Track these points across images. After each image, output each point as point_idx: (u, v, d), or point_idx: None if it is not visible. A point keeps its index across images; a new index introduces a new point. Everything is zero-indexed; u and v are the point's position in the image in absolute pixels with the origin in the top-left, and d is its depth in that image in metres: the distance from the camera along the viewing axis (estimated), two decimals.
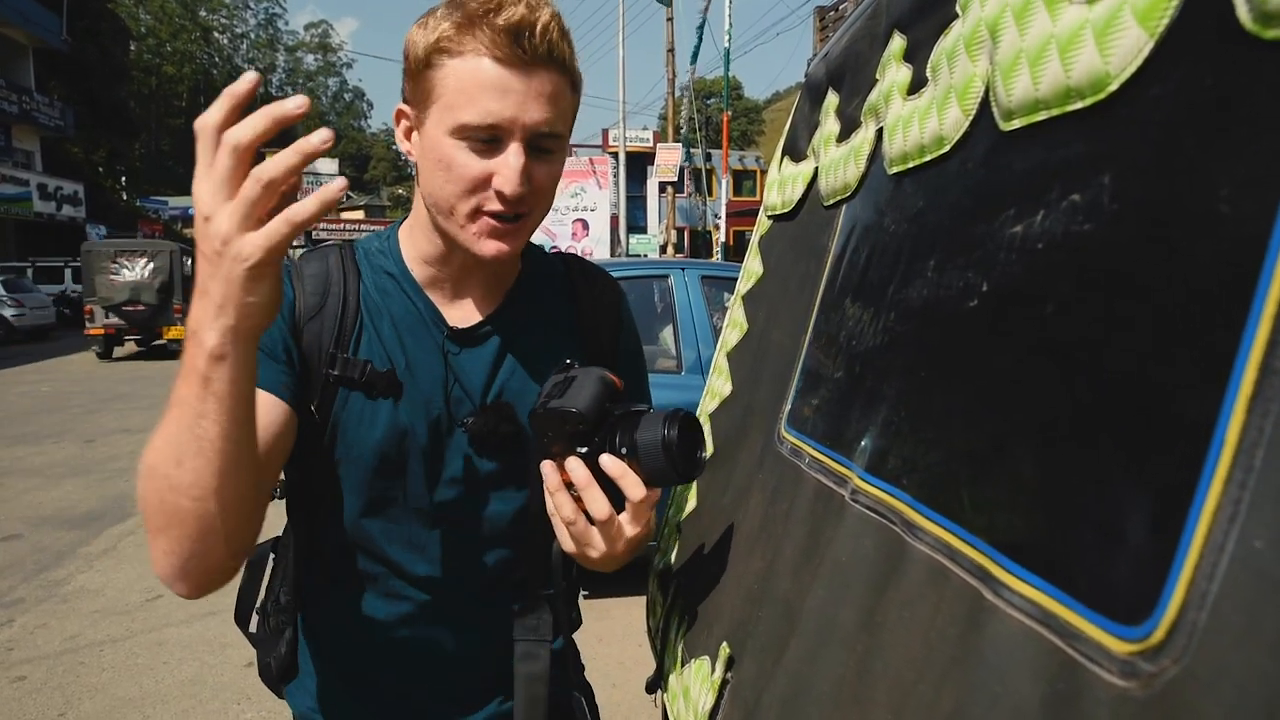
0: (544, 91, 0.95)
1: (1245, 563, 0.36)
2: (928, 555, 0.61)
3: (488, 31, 0.92)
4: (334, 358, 1.04)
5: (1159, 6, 0.48)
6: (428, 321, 1.10)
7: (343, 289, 1.07)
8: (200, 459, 0.78)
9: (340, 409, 1.05)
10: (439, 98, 0.95)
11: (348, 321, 1.06)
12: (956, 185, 0.72)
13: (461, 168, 0.95)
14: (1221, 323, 0.40)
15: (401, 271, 1.11)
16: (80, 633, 4.36)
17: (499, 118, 0.93)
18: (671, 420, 0.90)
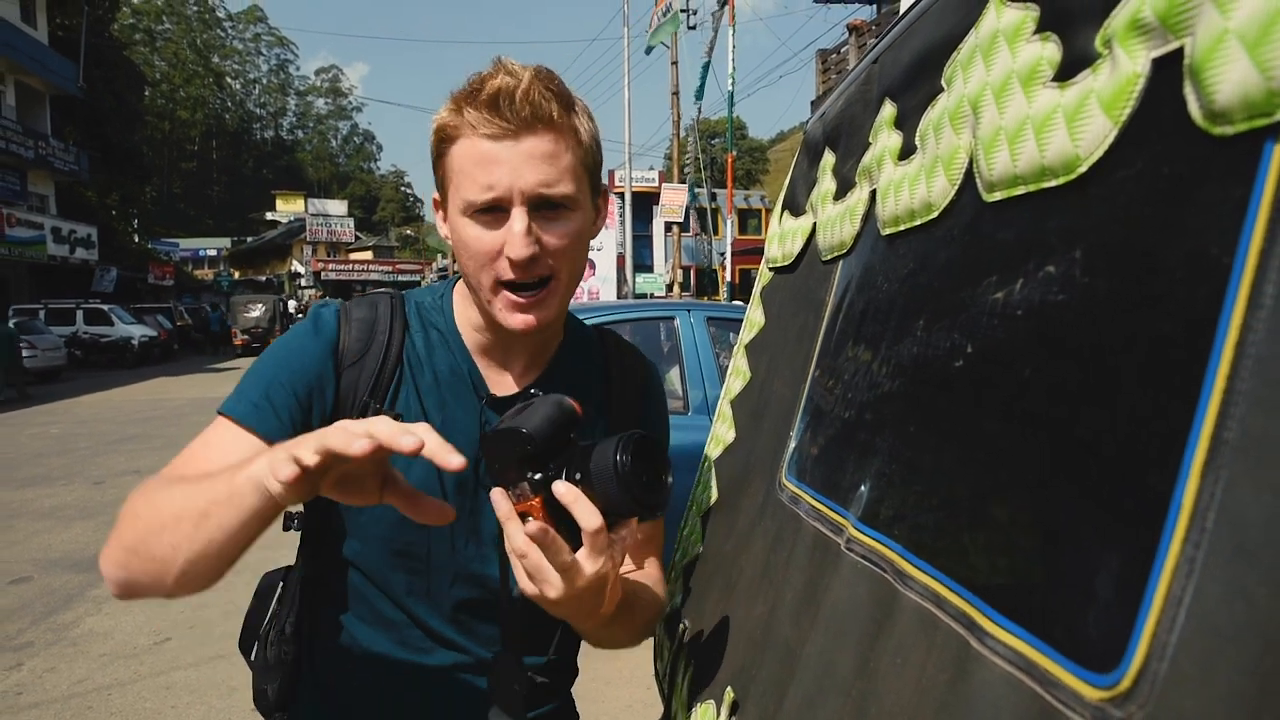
0: (535, 154, 0.97)
1: (1199, 616, 0.40)
2: (918, 604, 0.64)
3: (473, 110, 0.97)
4: (366, 406, 1.05)
5: (1121, 98, 0.53)
6: (470, 384, 1.11)
7: (387, 338, 1.08)
8: (193, 531, 0.84)
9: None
10: (450, 182, 1.02)
11: (387, 371, 1.07)
12: (944, 250, 0.76)
13: (475, 242, 1.00)
14: (1178, 396, 0.44)
15: (451, 330, 1.13)
16: (89, 676, 4.36)
17: (493, 189, 0.97)
18: (625, 444, 0.84)
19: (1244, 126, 0.42)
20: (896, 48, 0.97)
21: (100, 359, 23.88)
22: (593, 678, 4.33)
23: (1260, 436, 0.38)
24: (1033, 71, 0.62)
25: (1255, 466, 0.38)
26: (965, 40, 0.75)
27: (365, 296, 1.14)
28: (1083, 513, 0.50)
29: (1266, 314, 0.40)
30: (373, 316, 1.10)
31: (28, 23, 25.92)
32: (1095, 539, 0.48)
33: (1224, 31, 0.43)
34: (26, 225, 24.17)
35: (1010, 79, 0.65)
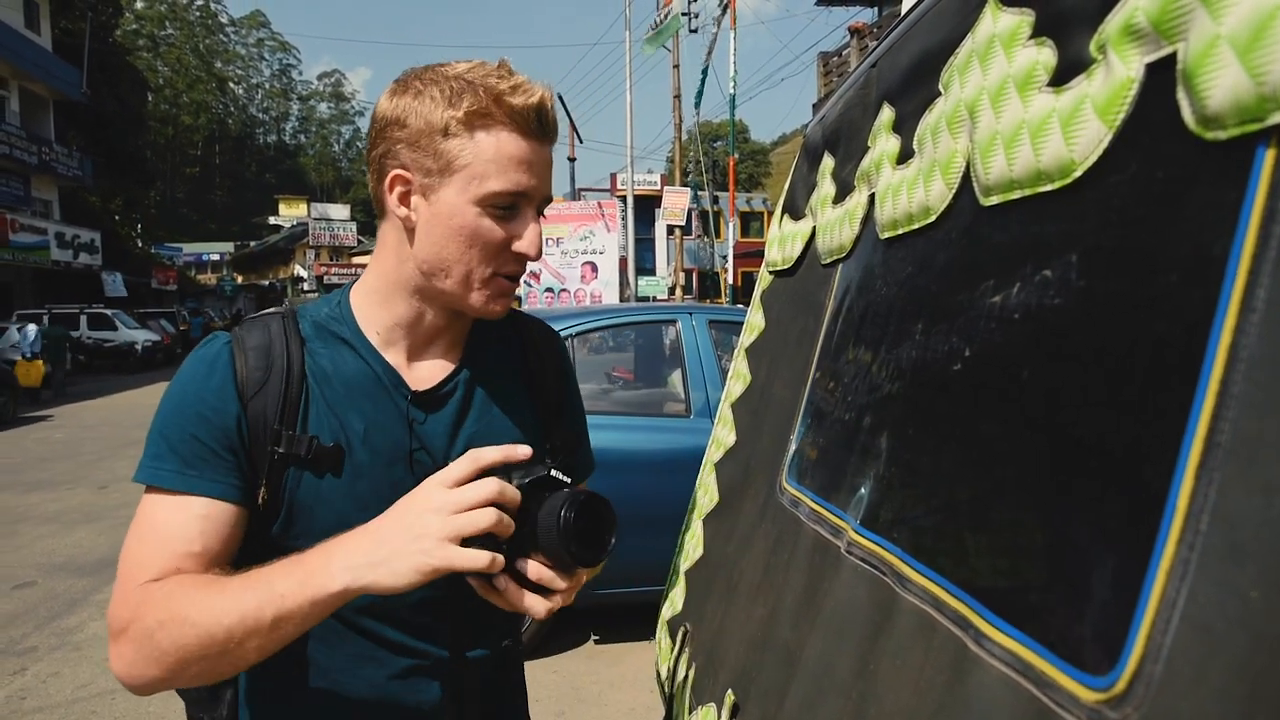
0: (548, 163, 1.05)
1: (1193, 618, 0.40)
2: (917, 606, 0.64)
3: (516, 109, 0.99)
4: (279, 434, 1.01)
5: (1115, 102, 0.53)
6: (388, 386, 1.08)
7: (285, 359, 1.05)
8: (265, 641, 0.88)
9: (294, 489, 1.03)
10: (463, 166, 0.99)
11: (292, 394, 1.04)
12: (942, 254, 0.76)
13: (487, 232, 1.00)
14: (1172, 399, 0.44)
15: (357, 336, 1.09)
16: (92, 681, 4.37)
17: (526, 187, 1.01)
18: (571, 503, 0.89)
19: (1236, 131, 0.43)
20: (895, 52, 0.97)
21: (104, 364, 23.89)
22: (595, 681, 4.33)
23: (1253, 439, 0.39)
24: (1028, 76, 0.63)
25: (1248, 468, 0.39)
26: (962, 45, 0.75)
27: (255, 319, 1.10)
28: (1079, 516, 0.50)
29: (1259, 317, 0.40)
30: (266, 340, 1.06)
31: (31, 28, 26.00)
32: (1091, 542, 0.48)
33: (1216, 37, 0.43)
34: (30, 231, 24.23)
35: (1006, 84, 0.65)
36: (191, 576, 0.94)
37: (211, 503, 0.98)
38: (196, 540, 0.97)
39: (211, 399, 1.01)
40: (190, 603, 0.89)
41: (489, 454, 0.91)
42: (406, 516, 0.88)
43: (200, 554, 0.97)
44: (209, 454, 0.99)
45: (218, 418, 1.00)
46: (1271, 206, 0.40)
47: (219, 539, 0.99)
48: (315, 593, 0.86)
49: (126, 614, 0.92)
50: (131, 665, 0.91)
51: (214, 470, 0.99)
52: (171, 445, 0.99)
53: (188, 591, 0.91)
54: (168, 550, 0.96)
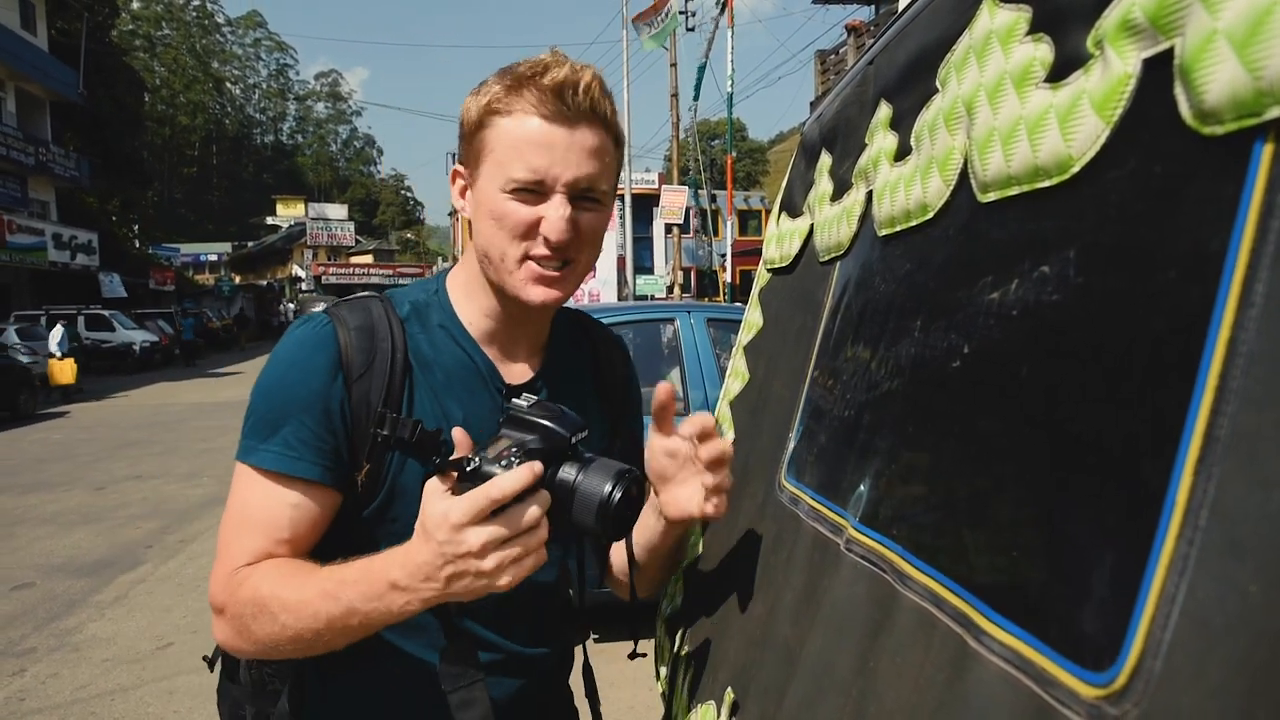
0: (586, 146, 1.01)
1: (1192, 614, 0.40)
2: (916, 603, 0.64)
3: (535, 91, 0.98)
4: (383, 417, 1.01)
5: (1113, 98, 0.53)
6: (485, 377, 1.10)
7: (390, 343, 1.05)
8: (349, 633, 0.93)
9: (397, 472, 1.04)
10: (490, 155, 1.01)
11: (397, 378, 1.04)
12: (940, 250, 0.76)
13: (512, 214, 1.00)
14: (1171, 394, 0.44)
15: (455, 324, 1.11)
16: (91, 682, 4.37)
17: (544, 171, 0.99)
18: (620, 479, 0.90)
19: (1233, 126, 0.43)
20: (892, 49, 0.97)
21: (102, 365, 23.88)
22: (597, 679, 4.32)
23: (1252, 433, 0.39)
24: (1025, 72, 0.63)
25: (1248, 463, 0.39)
26: (959, 41, 0.75)
27: (353, 301, 1.10)
28: (1078, 512, 0.50)
29: (1258, 312, 0.40)
30: (369, 322, 1.06)
31: (27, 29, 25.96)
32: (1090, 538, 0.48)
33: (1213, 32, 0.43)
34: (27, 232, 24.20)
35: (1003, 80, 0.65)
36: (280, 569, 0.98)
37: (307, 488, 1.01)
38: (287, 528, 1.01)
39: (315, 380, 1.01)
40: (280, 604, 0.94)
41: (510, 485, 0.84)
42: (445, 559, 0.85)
43: (290, 540, 1.01)
44: (311, 436, 1.00)
45: (320, 399, 1.01)
46: (1269, 201, 0.40)
47: (310, 526, 1.02)
48: (401, 611, 0.90)
49: (223, 597, 0.99)
50: (230, 640, 1.00)
51: (313, 453, 1.01)
52: (273, 427, 1.00)
53: (277, 590, 0.95)
54: (261, 536, 1.00)
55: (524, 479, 0.84)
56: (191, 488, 8.83)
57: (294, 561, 1.00)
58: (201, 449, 11.19)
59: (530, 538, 0.85)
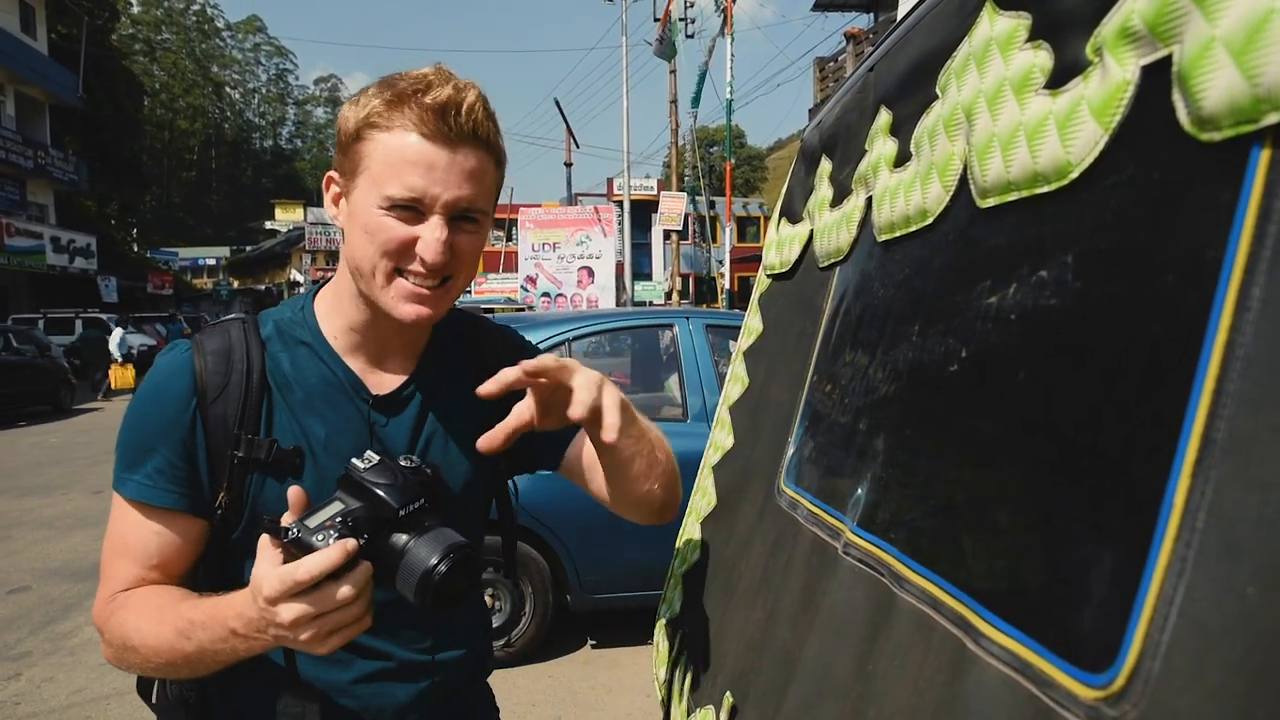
0: (466, 168, 0.99)
1: (1190, 615, 0.40)
2: (914, 606, 0.64)
3: (415, 109, 0.96)
4: (238, 438, 1.02)
5: (1112, 104, 0.53)
6: (348, 390, 1.09)
7: (245, 364, 1.05)
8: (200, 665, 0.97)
9: (256, 491, 1.04)
10: (367, 169, 0.99)
11: (253, 399, 1.04)
12: (939, 255, 0.76)
13: (387, 232, 0.98)
14: (1169, 397, 0.44)
15: (318, 340, 1.09)
16: (87, 686, 4.35)
17: (422, 192, 0.97)
18: (450, 553, 0.89)
19: (1231, 132, 0.43)
20: (892, 56, 0.98)
21: None
22: (592, 685, 4.32)
23: (1249, 436, 0.39)
24: (1025, 79, 0.63)
25: (1245, 465, 0.39)
26: (959, 48, 0.75)
27: (216, 325, 1.10)
28: (1076, 514, 0.50)
29: (1254, 316, 0.40)
30: (226, 345, 1.06)
31: (27, 33, 25.98)
32: (1088, 540, 0.49)
33: (1211, 39, 0.44)
34: (26, 235, 24.19)
35: (1003, 86, 0.66)
36: (145, 603, 1.02)
37: (169, 516, 1.03)
38: (155, 555, 1.04)
39: (170, 408, 1.03)
40: (142, 638, 0.99)
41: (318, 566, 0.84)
42: (269, 625, 0.88)
43: (159, 566, 1.04)
44: (168, 466, 1.02)
45: (176, 427, 1.02)
46: (1266, 206, 0.41)
47: (177, 553, 1.05)
48: (250, 653, 0.94)
49: (101, 620, 1.04)
50: (113, 661, 1.04)
51: (171, 482, 1.02)
52: (134, 456, 1.03)
53: (140, 623, 0.99)
54: (133, 563, 1.04)
55: (333, 560, 0.84)
56: None
57: (161, 592, 1.03)
58: None
59: (344, 613, 0.86)
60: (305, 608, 0.84)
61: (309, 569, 0.84)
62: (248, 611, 0.89)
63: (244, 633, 0.90)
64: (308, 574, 0.84)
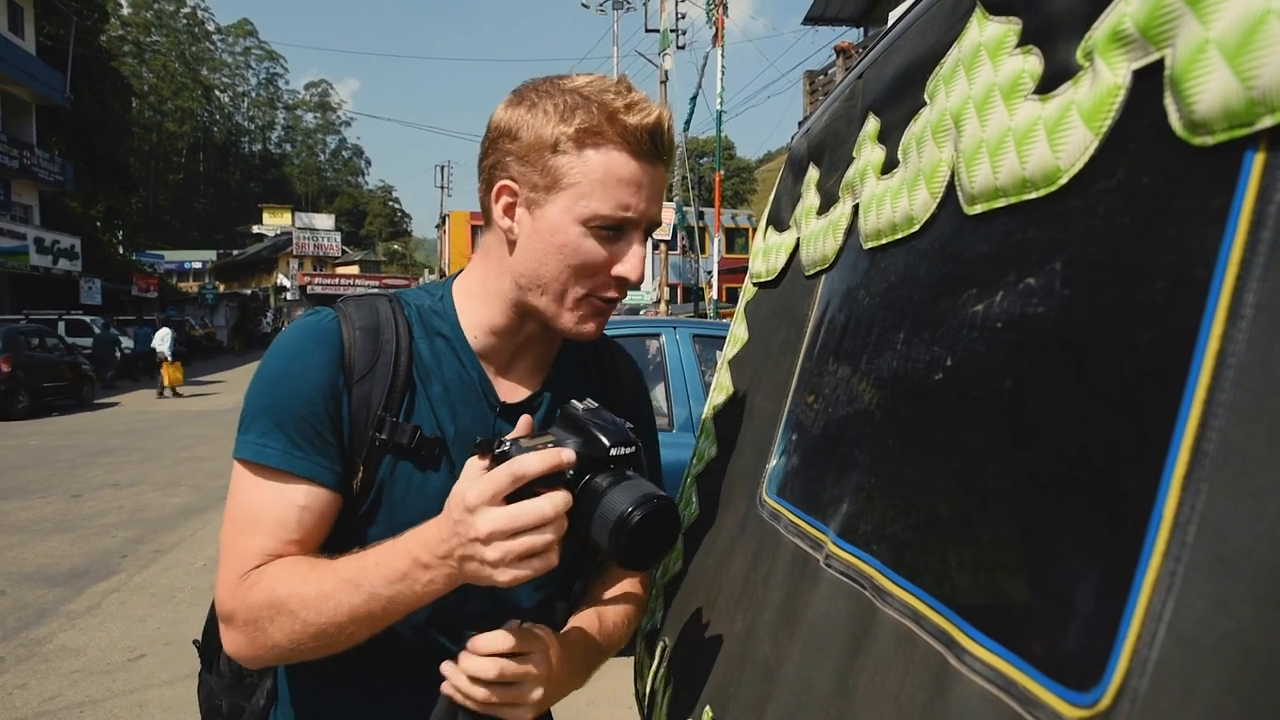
0: (660, 185, 1.00)
1: (1180, 631, 0.39)
2: (896, 620, 0.63)
3: (630, 128, 0.96)
4: (383, 421, 1.00)
5: (1102, 109, 0.52)
6: (480, 392, 1.08)
7: (394, 346, 1.03)
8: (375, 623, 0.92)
9: (387, 476, 1.02)
10: (570, 185, 0.97)
11: (399, 382, 1.02)
12: (925, 263, 0.75)
13: (589, 253, 0.98)
14: (1158, 408, 0.43)
15: (458, 336, 1.08)
16: (60, 693, 4.28)
17: (633, 210, 0.97)
18: (645, 502, 0.85)
19: (1224, 136, 0.42)
20: (880, 63, 0.97)
21: None
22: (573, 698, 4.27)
23: (1241, 447, 0.38)
24: (1014, 84, 0.62)
25: (1236, 477, 0.38)
26: (948, 54, 0.75)
27: (360, 299, 1.08)
28: (1063, 527, 0.49)
29: (1247, 324, 0.39)
30: (376, 323, 1.04)
31: (15, 32, 25.82)
32: (1075, 554, 0.47)
33: (1204, 42, 0.43)
34: (9, 235, 23.98)
35: (992, 92, 0.65)
36: (293, 567, 0.96)
37: (313, 490, 0.98)
38: (296, 529, 0.98)
39: (318, 377, 0.99)
40: (299, 601, 0.91)
41: (532, 465, 0.84)
42: (459, 540, 0.84)
43: (300, 541, 0.98)
44: (314, 435, 0.98)
45: (324, 398, 0.99)
46: (1260, 211, 0.40)
47: (318, 526, 1.00)
48: (424, 592, 0.88)
49: (233, 603, 0.95)
50: (244, 649, 0.96)
51: (319, 453, 0.98)
52: (277, 422, 0.97)
53: (294, 587, 0.92)
54: (269, 537, 0.97)
55: (548, 462, 0.83)
56: (169, 496, 8.72)
57: (306, 558, 0.97)
58: (181, 457, 11.07)
59: (537, 536, 0.82)
60: (504, 519, 0.81)
61: (523, 465, 0.83)
62: (436, 533, 0.86)
63: (427, 560, 0.86)
64: (521, 469, 0.82)
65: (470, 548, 0.83)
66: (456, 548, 0.84)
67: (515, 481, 0.83)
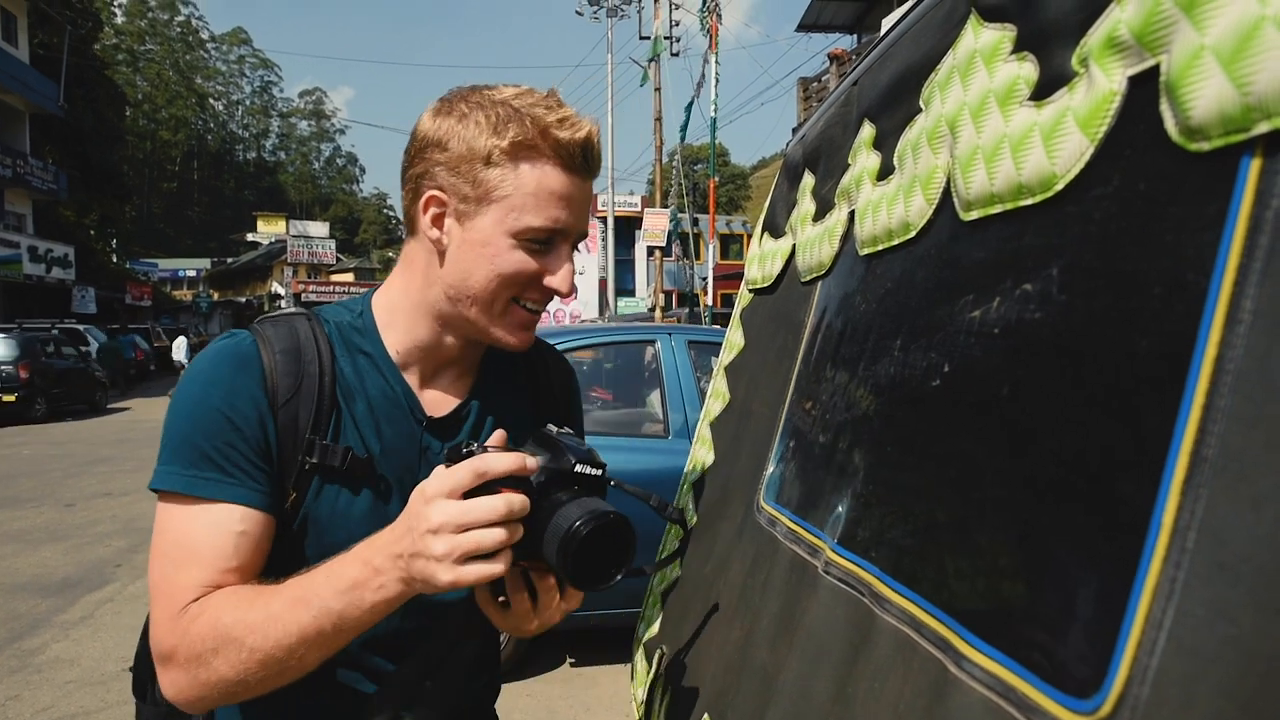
0: (588, 199, 1.02)
1: (1180, 639, 0.39)
2: (895, 627, 0.63)
3: (562, 143, 0.96)
4: (312, 444, 0.98)
5: (1098, 115, 0.53)
6: (405, 408, 1.06)
7: (317, 367, 1.01)
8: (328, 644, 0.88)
9: (313, 500, 1.00)
10: (502, 197, 0.96)
11: (324, 404, 1.00)
12: (921, 269, 0.75)
13: (519, 264, 0.98)
14: (1157, 414, 0.43)
15: (380, 352, 1.06)
16: (54, 704, 4.26)
17: (563, 224, 0.98)
18: (588, 519, 0.83)
19: (1220, 142, 0.42)
20: (876, 70, 0.97)
21: None
22: (570, 705, 4.27)
23: (1240, 453, 0.38)
24: (1010, 91, 0.62)
25: (1235, 483, 0.38)
26: (943, 61, 0.75)
27: (276, 319, 1.05)
28: (1062, 533, 0.49)
29: (1245, 329, 0.39)
30: (296, 345, 1.02)
31: (9, 41, 25.80)
32: (1074, 560, 0.47)
33: (1200, 48, 0.43)
34: (3, 244, 23.91)
35: (987, 98, 0.65)
36: (234, 595, 0.92)
37: (249, 514, 0.95)
38: (233, 556, 0.94)
39: (242, 403, 0.97)
40: (245, 627, 0.88)
41: (496, 464, 0.83)
42: (411, 535, 0.83)
43: (237, 569, 0.94)
44: (244, 461, 0.96)
45: (249, 425, 0.96)
46: (1256, 216, 0.40)
47: (255, 552, 0.96)
48: (375, 601, 0.86)
49: (172, 640, 0.91)
50: (186, 690, 0.91)
51: (252, 479, 0.96)
52: (203, 451, 0.95)
53: (237, 614, 0.89)
54: (206, 568, 0.93)
55: (512, 463, 0.83)
56: None
57: (248, 586, 0.94)
58: None
59: (486, 533, 0.81)
60: (455, 510, 0.81)
61: (488, 461, 0.83)
62: (392, 533, 0.85)
63: (379, 562, 0.84)
64: (485, 465, 0.82)
65: (420, 541, 0.81)
66: (408, 545, 0.82)
67: (477, 478, 0.82)
